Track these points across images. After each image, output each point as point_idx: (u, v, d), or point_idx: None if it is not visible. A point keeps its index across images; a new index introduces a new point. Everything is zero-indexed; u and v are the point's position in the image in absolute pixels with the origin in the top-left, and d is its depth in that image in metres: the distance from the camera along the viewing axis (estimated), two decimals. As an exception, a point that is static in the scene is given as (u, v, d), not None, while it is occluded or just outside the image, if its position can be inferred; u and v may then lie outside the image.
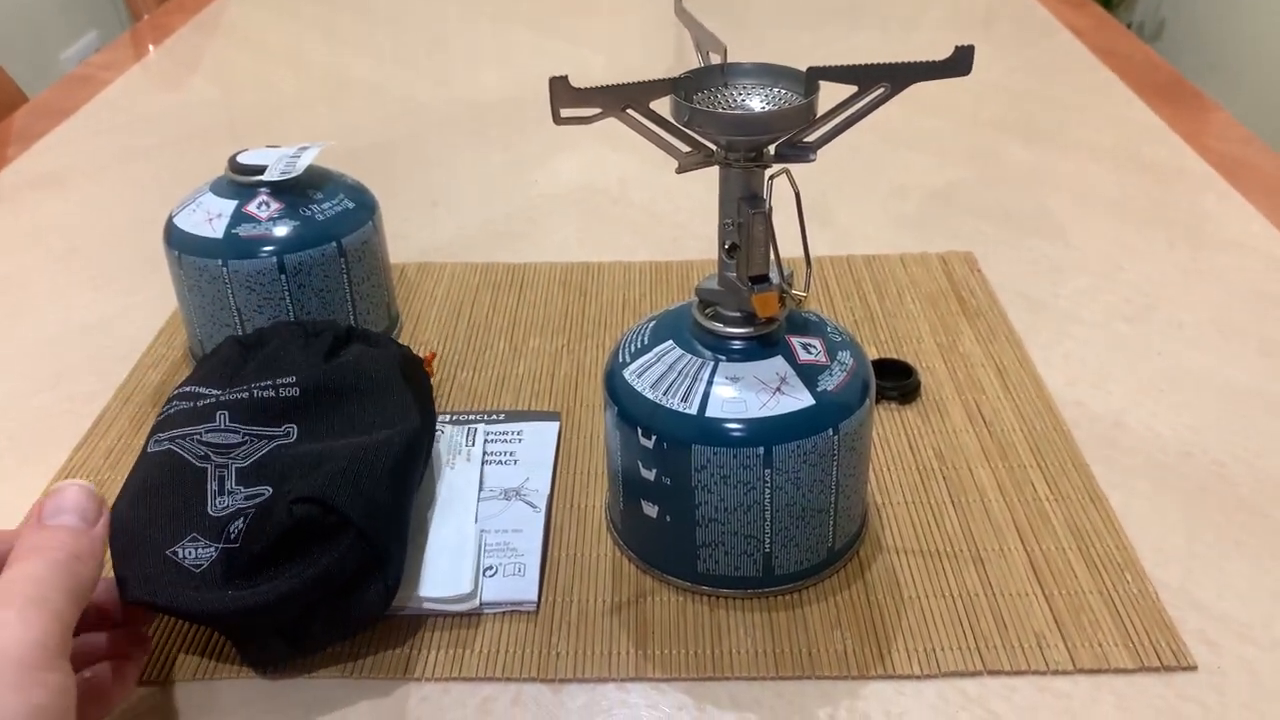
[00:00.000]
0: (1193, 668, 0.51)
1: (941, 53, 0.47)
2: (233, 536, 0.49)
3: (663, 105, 0.49)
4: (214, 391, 0.57)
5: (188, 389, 0.57)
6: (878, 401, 0.67)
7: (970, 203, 0.92)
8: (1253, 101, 2.42)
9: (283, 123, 1.12)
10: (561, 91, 0.45)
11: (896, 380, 0.68)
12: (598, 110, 0.47)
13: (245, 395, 0.56)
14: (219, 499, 0.51)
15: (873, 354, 0.72)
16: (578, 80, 0.45)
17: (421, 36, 1.35)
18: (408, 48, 1.32)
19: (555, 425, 0.66)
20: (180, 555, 0.49)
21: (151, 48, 1.36)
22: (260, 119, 1.13)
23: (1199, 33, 2.67)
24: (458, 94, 1.17)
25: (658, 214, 0.91)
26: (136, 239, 0.90)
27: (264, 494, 0.51)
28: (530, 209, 0.94)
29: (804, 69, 0.49)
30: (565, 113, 0.45)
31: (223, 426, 0.54)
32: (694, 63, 0.52)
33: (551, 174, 0.99)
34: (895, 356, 0.72)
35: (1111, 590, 0.54)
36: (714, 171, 0.51)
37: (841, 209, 0.92)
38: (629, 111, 0.48)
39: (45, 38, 2.76)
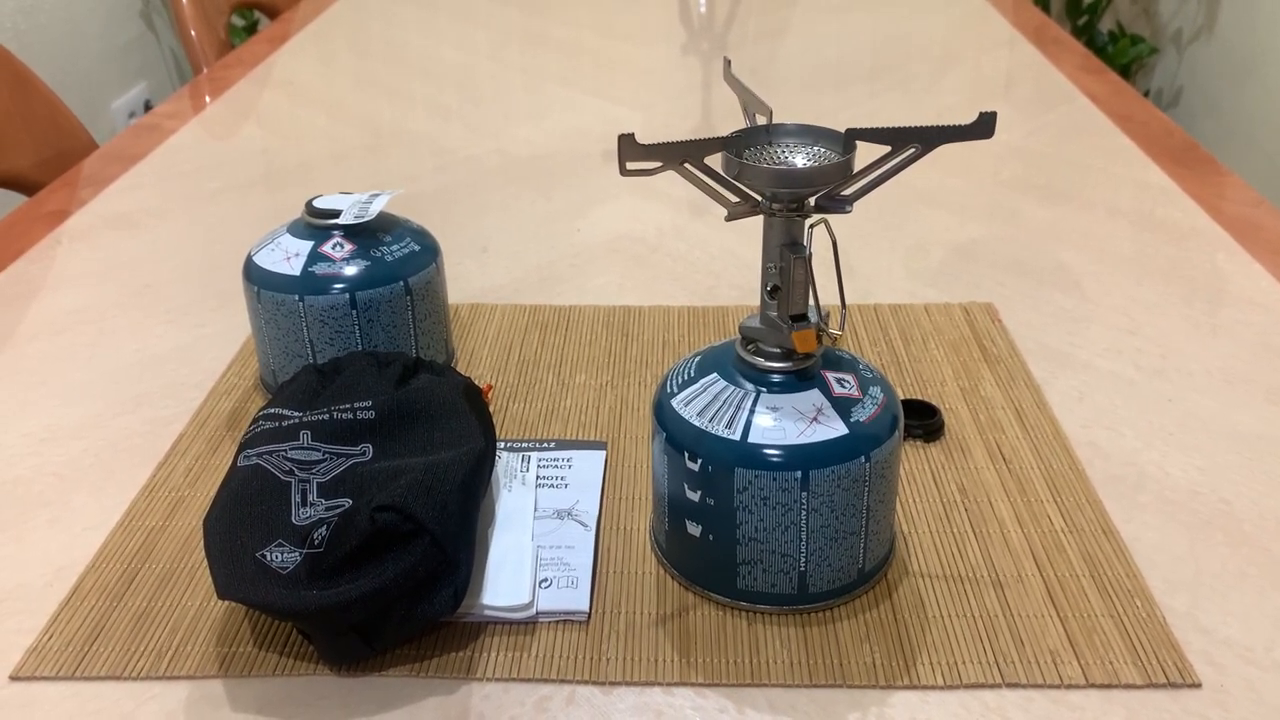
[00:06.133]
0: (1197, 685, 0.55)
1: (961, 116, 0.53)
2: (316, 543, 0.54)
3: (715, 160, 0.55)
4: (296, 413, 0.62)
5: (272, 410, 0.62)
6: (904, 439, 0.72)
7: (991, 257, 0.97)
8: (1267, 165, 2.48)
9: (335, 170, 1.18)
10: (629, 147, 0.50)
11: (922, 420, 0.73)
12: (659, 164, 0.52)
13: (325, 417, 0.61)
14: (302, 510, 0.56)
15: (900, 395, 0.77)
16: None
17: (458, 91, 1.42)
18: (445, 102, 1.39)
19: (602, 453, 0.71)
20: (268, 558, 0.54)
21: (208, 99, 1.43)
22: (313, 165, 1.20)
23: (1215, 99, 2.74)
24: (495, 146, 1.24)
25: (693, 263, 0.97)
26: (205, 276, 0.96)
27: (344, 505, 0.56)
28: (573, 256, 0.99)
29: (843, 130, 0.55)
30: (631, 165, 0.51)
31: (305, 445, 0.59)
32: (727, 119, 0.58)
33: (592, 224, 1.05)
34: (921, 398, 0.76)
35: (1122, 614, 0.59)
36: (748, 223, 0.57)
37: (867, 262, 0.97)
38: (686, 165, 0.53)
39: (97, 88, 2.87)
